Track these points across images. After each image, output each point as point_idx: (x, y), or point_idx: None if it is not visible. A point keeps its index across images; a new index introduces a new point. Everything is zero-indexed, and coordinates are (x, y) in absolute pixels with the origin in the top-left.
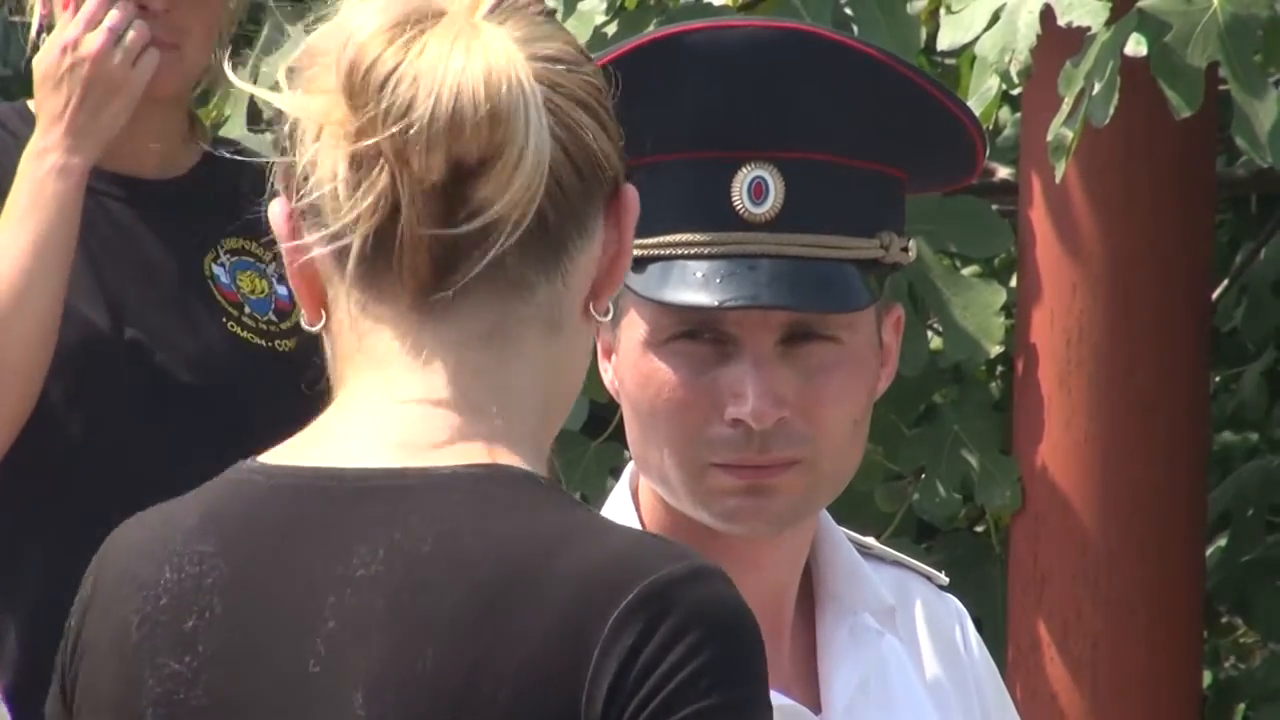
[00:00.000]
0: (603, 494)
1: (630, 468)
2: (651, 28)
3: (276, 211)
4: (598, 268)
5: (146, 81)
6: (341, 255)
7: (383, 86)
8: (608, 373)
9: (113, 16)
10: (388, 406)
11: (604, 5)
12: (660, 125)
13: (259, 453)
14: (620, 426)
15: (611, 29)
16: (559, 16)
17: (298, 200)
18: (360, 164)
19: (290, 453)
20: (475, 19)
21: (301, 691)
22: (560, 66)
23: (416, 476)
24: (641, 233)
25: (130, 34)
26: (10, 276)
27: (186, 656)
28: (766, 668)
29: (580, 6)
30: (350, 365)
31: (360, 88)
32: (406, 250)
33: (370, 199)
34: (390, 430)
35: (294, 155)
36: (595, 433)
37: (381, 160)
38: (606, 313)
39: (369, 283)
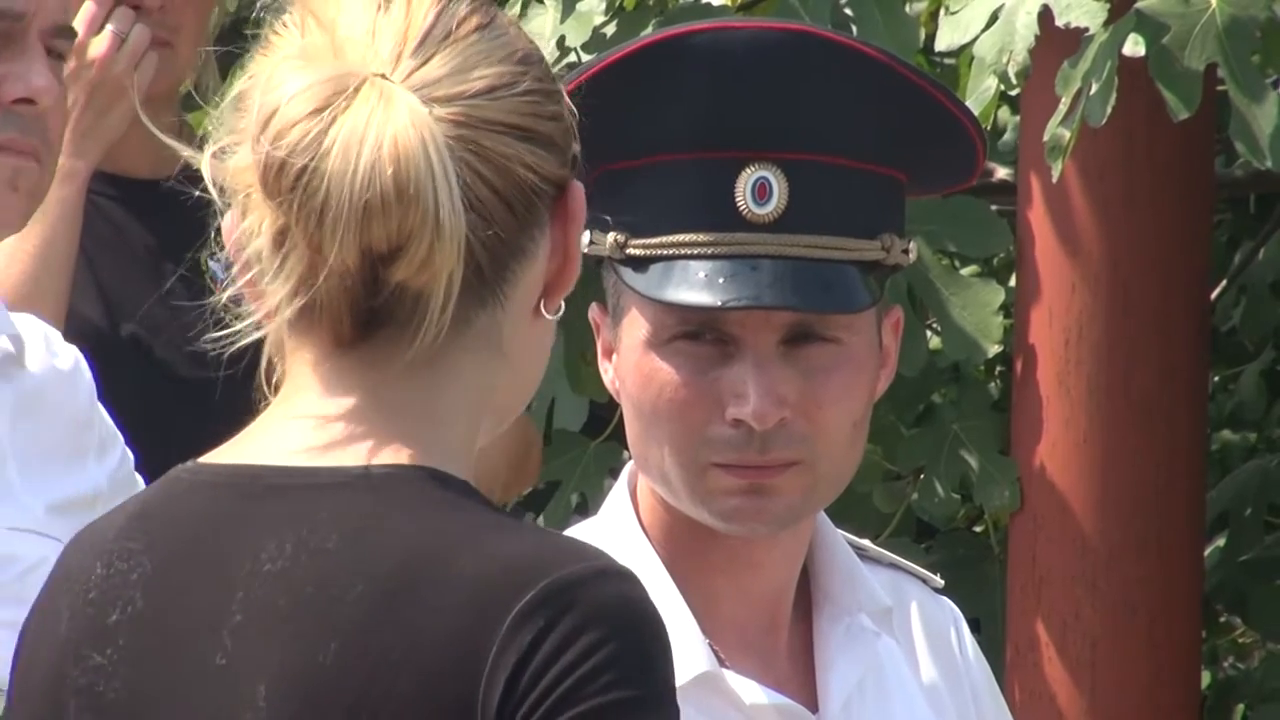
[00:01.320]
0: (601, 494)
1: (629, 467)
2: (650, 28)
3: (226, 226)
4: (546, 274)
5: (148, 83)
6: None
7: (295, 184)
8: (608, 372)
9: (117, 19)
10: (312, 411)
11: (603, 5)
12: (664, 125)
13: None
14: (620, 426)
15: (610, 29)
16: (558, 17)
17: (236, 235)
18: (281, 242)
19: (220, 452)
20: (393, 78)
21: (208, 685)
22: (486, 99)
23: (328, 475)
24: (644, 232)
25: (133, 37)
26: (16, 281)
27: (108, 649)
28: (671, 670)
29: (579, 6)
30: (289, 368)
31: (274, 184)
32: (327, 315)
33: (291, 281)
34: (310, 433)
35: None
36: (595, 433)
37: (300, 243)
38: (557, 311)
39: (297, 320)
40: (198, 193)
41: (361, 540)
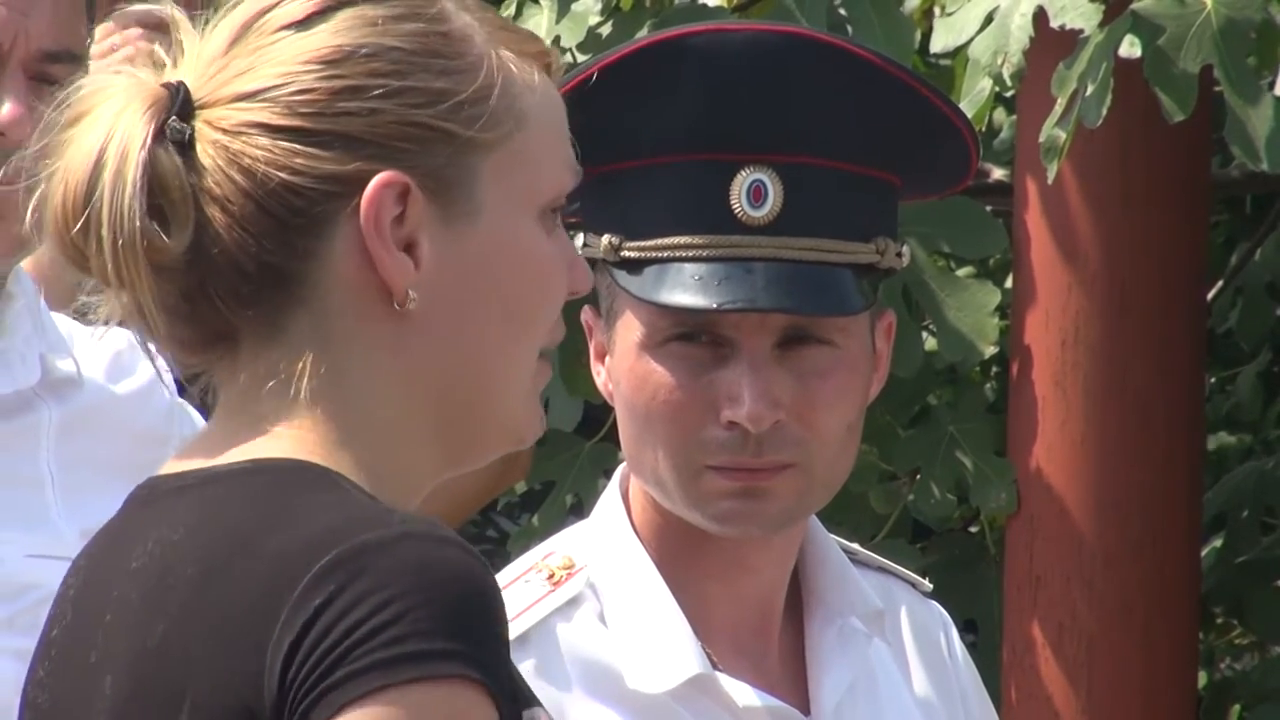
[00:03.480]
0: (596, 494)
1: (621, 469)
2: (646, 29)
3: None
4: (367, 269)
5: None
6: None
7: (43, 189)
8: (601, 374)
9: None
10: (215, 418)
11: (598, 6)
12: (659, 128)
13: None
14: (615, 427)
15: (606, 30)
16: (553, 18)
17: None
18: None
19: (167, 465)
20: (193, 85)
21: (86, 683)
22: (250, 101)
23: (194, 476)
24: (638, 235)
25: None
26: None
27: (46, 662)
28: (493, 633)
29: (574, 7)
30: None
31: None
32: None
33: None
34: (204, 439)
35: None
36: (589, 433)
37: None
38: (408, 301)
39: None
40: None
41: (199, 531)
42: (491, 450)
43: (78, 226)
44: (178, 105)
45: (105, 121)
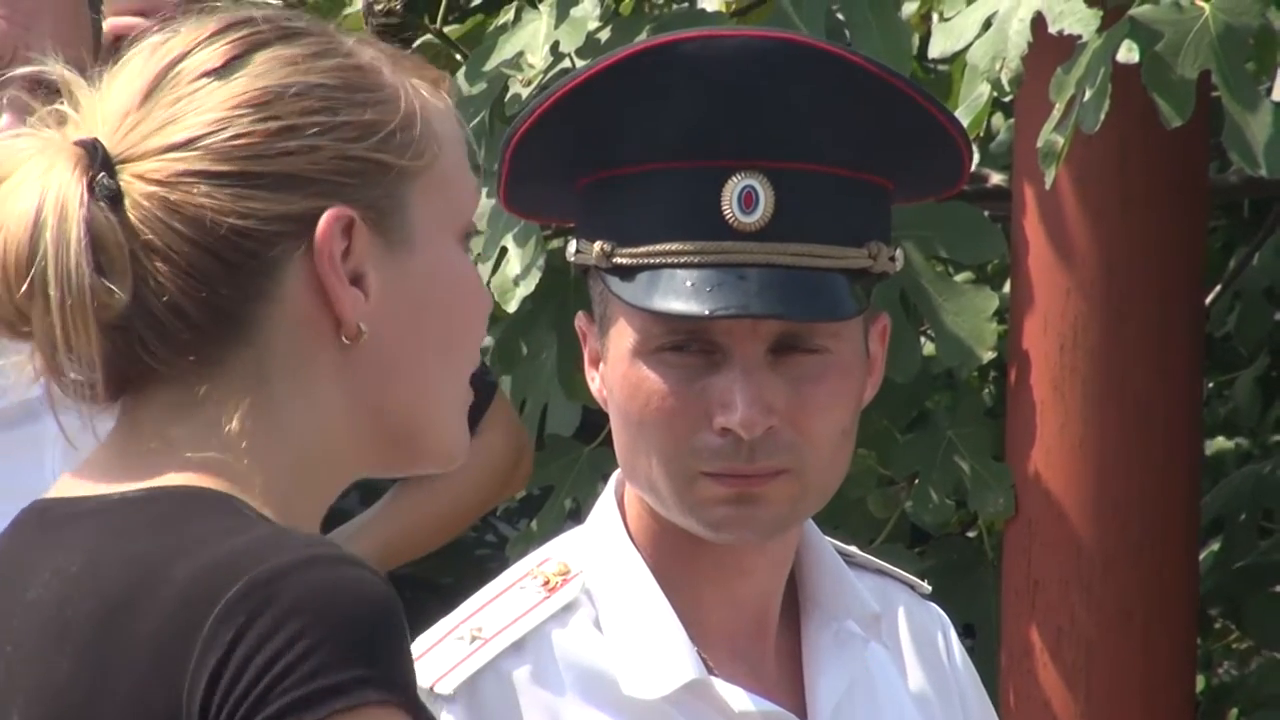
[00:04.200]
0: (594, 499)
1: (616, 476)
2: (644, 34)
3: None
4: (318, 304)
5: None
6: None
7: None
8: (595, 381)
9: None
10: (109, 443)
11: (597, 11)
12: (651, 133)
13: None
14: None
15: (605, 35)
16: (551, 23)
17: None
18: None
19: (54, 486)
20: (109, 140)
21: None
22: (184, 150)
23: (93, 503)
24: (631, 241)
25: None
26: None
27: None
28: (398, 652)
29: (573, 12)
30: None
31: None
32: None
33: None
34: (98, 464)
35: None
36: (588, 438)
37: None
38: (358, 335)
39: None
40: None
41: (98, 561)
42: (420, 470)
43: (22, 290)
44: (99, 161)
45: (34, 182)
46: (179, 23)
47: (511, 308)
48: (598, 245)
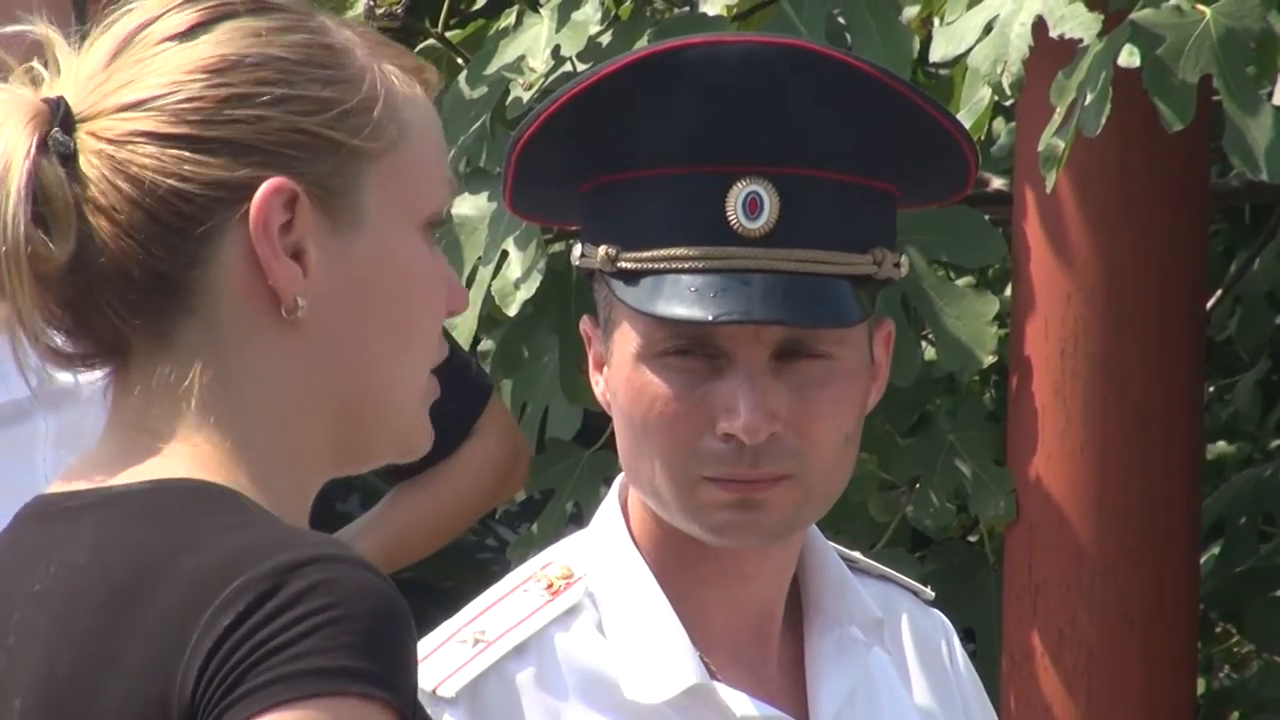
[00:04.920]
0: (596, 502)
1: (620, 479)
2: (646, 38)
3: None
4: (257, 276)
5: None
6: None
7: None
8: (599, 384)
9: None
10: (105, 435)
11: (598, 15)
12: (656, 139)
13: None
14: (614, 436)
15: (606, 39)
16: (553, 27)
17: None
18: None
19: (56, 482)
20: (74, 100)
21: None
22: (135, 110)
23: (93, 496)
24: (635, 246)
25: None
26: None
27: None
28: (399, 653)
29: (574, 16)
30: None
31: None
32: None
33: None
34: (96, 456)
35: None
36: (589, 442)
37: None
38: (296, 310)
39: None
40: None
41: (105, 554)
42: (381, 460)
43: None
44: (59, 119)
45: None
46: None
47: (512, 311)
48: (602, 250)
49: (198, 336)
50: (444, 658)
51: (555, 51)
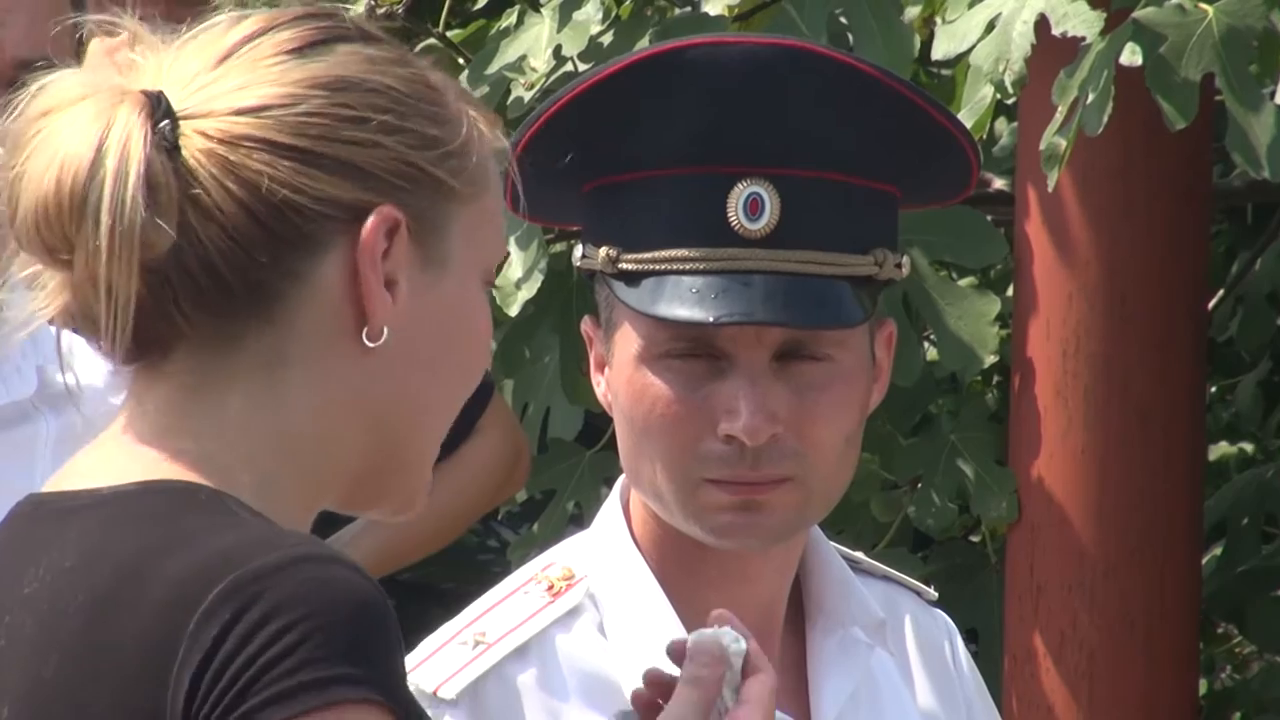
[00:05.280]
0: (597, 503)
1: (621, 480)
2: (647, 37)
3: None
4: (352, 297)
5: None
6: None
7: (9, 184)
8: (600, 385)
9: None
10: (106, 440)
11: (599, 15)
12: (657, 140)
13: None
14: (615, 436)
15: (607, 39)
16: (554, 27)
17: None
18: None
19: (52, 479)
20: (173, 96)
21: None
22: (252, 116)
23: (85, 497)
24: (636, 247)
25: None
26: None
27: None
28: (388, 651)
29: (576, 16)
30: None
31: (3, 184)
32: (86, 329)
33: (49, 288)
34: (95, 455)
35: None
36: (590, 442)
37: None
38: (379, 337)
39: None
40: None
41: (91, 556)
42: (373, 509)
43: (71, 212)
44: (161, 110)
45: (98, 115)
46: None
47: (513, 311)
48: (603, 250)
49: (268, 344)
50: (445, 659)
51: (556, 51)
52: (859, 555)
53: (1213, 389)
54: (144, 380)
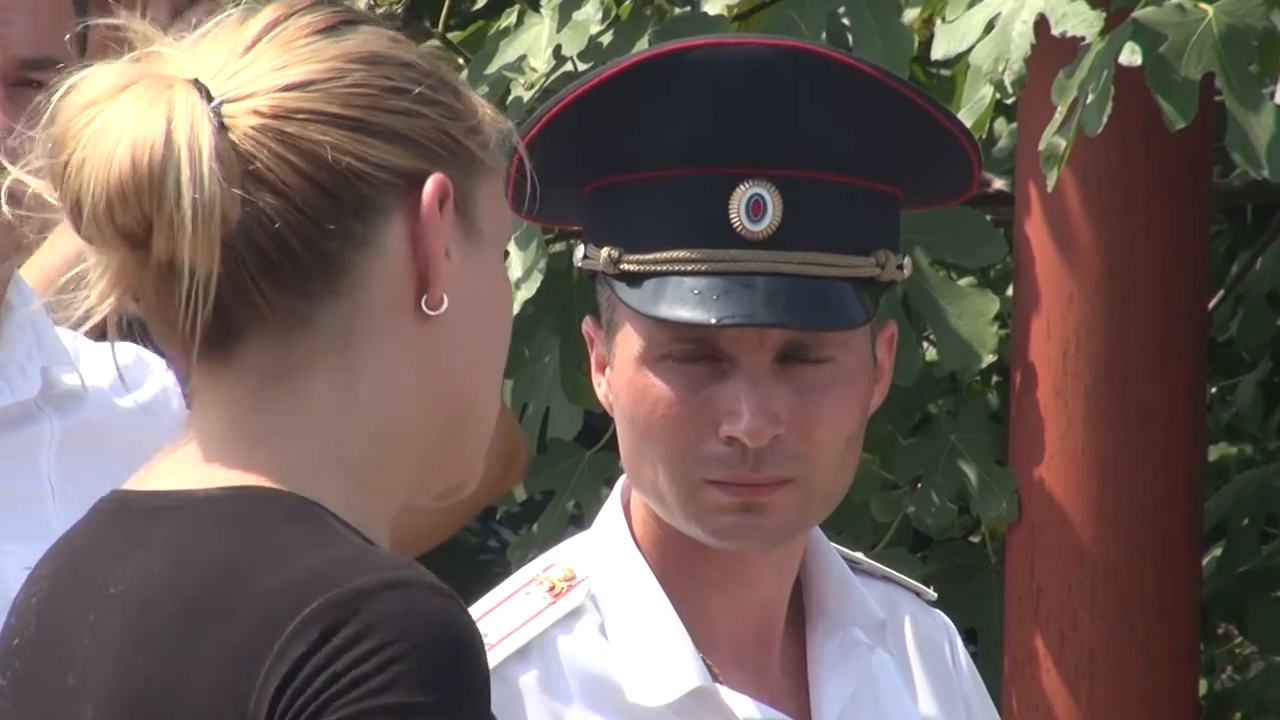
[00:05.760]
0: (596, 503)
1: (622, 481)
2: (646, 37)
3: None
4: (412, 266)
5: None
6: None
7: (64, 176)
8: (601, 386)
9: None
10: (189, 437)
11: (599, 15)
12: (658, 141)
13: None
14: (615, 436)
15: (607, 39)
16: (553, 27)
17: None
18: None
19: (135, 477)
20: (209, 80)
21: (61, 706)
22: (300, 90)
23: (175, 499)
24: (638, 248)
25: None
26: None
27: (8, 671)
28: (476, 687)
29: (575, 16)
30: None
31: (56, 177)
32: (158, 321)
33: (101, 282)
34: (178, 454)
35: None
36: (590, 442)
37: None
38: (439, 304)
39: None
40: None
41: (181, 562)
42: (434, 492)
43: (151, 189)
44: (206, 95)
45: (154, 99)
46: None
47: (513, 311)
48: (605, 251)
49: (339, 320)
50: None
51: (556, 51)
52: (859, 556)
53: (1213, 389)
54: (217, 374)
